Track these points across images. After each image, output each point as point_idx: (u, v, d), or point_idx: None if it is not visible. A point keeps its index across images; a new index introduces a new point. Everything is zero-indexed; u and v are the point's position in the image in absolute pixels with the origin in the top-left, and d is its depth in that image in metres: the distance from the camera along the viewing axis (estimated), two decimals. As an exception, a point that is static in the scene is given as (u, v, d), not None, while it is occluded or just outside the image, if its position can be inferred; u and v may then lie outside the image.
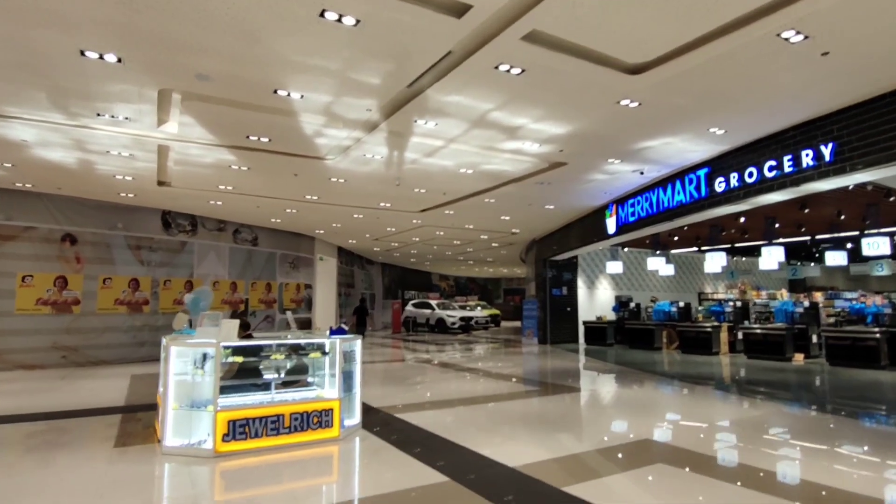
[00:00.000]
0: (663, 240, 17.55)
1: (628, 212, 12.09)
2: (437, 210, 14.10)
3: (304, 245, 19.04)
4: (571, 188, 11.66)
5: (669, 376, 10.86)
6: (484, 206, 13.44)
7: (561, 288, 19.24)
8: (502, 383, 9.87)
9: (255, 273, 16.68)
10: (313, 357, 6.09)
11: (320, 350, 6.15)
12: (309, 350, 6.20)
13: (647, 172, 10.25)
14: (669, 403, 8.20)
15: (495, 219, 15.50)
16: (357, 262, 25.53)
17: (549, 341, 18.73)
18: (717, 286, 25.14)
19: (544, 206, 13.57)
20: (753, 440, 5.88)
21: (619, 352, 16.12)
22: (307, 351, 6.19)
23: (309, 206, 13.56)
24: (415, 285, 34.47)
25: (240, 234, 16.24)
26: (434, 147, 8.78)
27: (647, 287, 22.41)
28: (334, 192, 11.89)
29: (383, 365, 13.14)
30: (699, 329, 15.14)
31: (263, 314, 16.87)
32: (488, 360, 13.85)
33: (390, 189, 11.61)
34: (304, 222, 16.23)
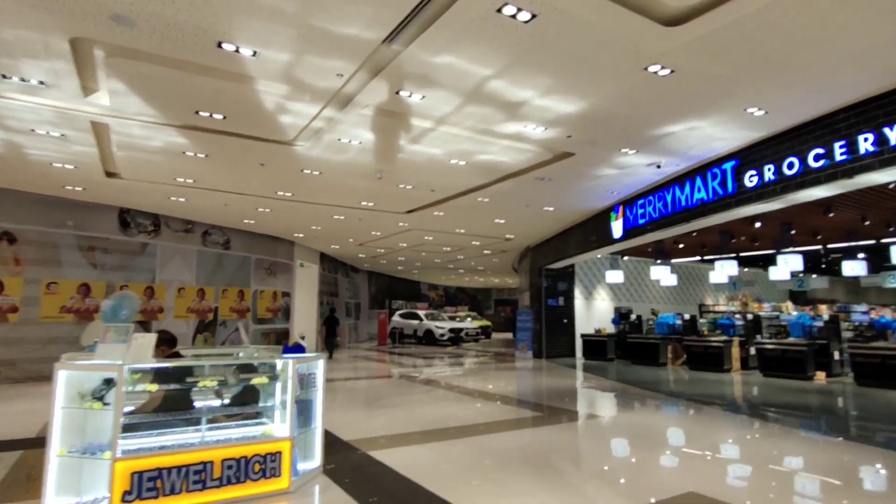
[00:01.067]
0: (667, 248, 16.32)
1: (637, 213, 10.80)
2: (426, 211, 12.74)
3: (283, 250, 17.57)
4: (575, 186, 10.36)
5: (686, 398, 9.51)
6: (476, 206, 12.10)
7: (557, 298, 17.91)
8: (497, 406, 8.45)
9: (226, 279, 15.17)
10: (257, 383, 4.65)
11: (269, 373, 4.71)
12: (260, 373, 4.77)
13: (664, 167, 8.97)
14: (701, 436, 6.83)
15: (488, 222, 14.17)
16: (341, 270, 24.05)
17: (545, 355, 17.36)
18: (719, 298, 23.96)
19: (543, 207, 12.25)
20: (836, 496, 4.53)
21: (621, 368, 14.77)
22: (257, 374, 4.75)
23: (283, 205, 12.13)
24: (403, 295, 32.99)
25: (210, 237, 14.74)
26: (421, 130, 7.42)
27: (647, 298, 21.16)
28: (309, 187, 10.49)
29: (364, 382, 11.67)
30: (708, 344, 13.85)
31: (235, 324, 15.34)
32: (480, 377, 12.43)
33: (372, 184, 10.23)
34: (280, 224, 14.78)
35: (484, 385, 10.98)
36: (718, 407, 8.69)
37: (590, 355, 17.13)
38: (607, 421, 7.58)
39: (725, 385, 11.47)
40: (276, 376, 4.67)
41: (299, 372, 4.89)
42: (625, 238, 11.54)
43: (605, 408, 8.82)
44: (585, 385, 11.61)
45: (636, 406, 8.86)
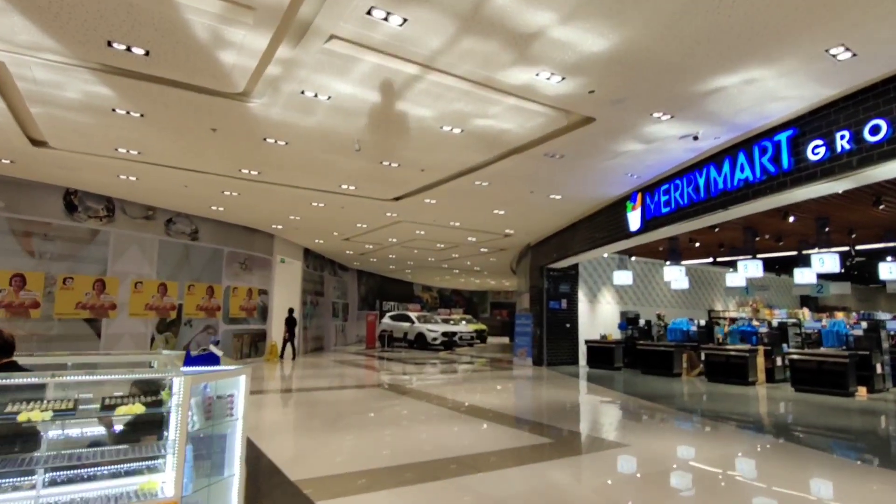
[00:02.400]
0: (682, 246, 14.73)
1: (660, 201, 9.19)
2: (416, 198, 11.09)
3: (260, 243, 15.88)
4: (590, 166, 8.74)
5: (724, 419, 7.87)
6: (474, 193, 10.47)
7: (559, 301, 16.28)
8: (497, 428, 6.80)
9: (193, 273, 13.47)
10: (125, 413, 2.96)
11: (151, 397, 3.04)
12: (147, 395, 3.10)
13: (702, 139, 7.35)
14: (775, 476, 5.18)
15: (487, 213, 12.53)
16: (328, 268, 22.36)
17: (546, 363, 15.71)
18: (728, 303, 22.40)
19: (549, 195, 10.63)
20: None
21: (631, 378, 13.13)
22: (145, 398, 3.08)
23: (251, 188, 10.46)
24: (395, 296, 31.30)
25: (174, 225, 13.04)
26: (404, 79, 5.78)
27: (654, 302, 19.56)
28: (277, 163, 8.83)
29: (340, 393, 9.99)
30: (731, 353, 12.22)
31: (203, 324, 13.63)
32: (475, 388, 10.77)
33: (351, 160, 8.59)
34: (254, 213, 13.10)
35: (480, 398, 9.32)
36: (769, 433, 7.06)
37: (595, 363, 15.49)
38: (641, 452, 5.93)
39: (759, 402, 9.85)
40: (159, 402, 2.99)
41: (206, 394, 3.25)
42: (643, 231, 9.92)
43: (631, 432, 7.16)
44: (597, 399, 9.97)
45: (667, 429, 7.22)
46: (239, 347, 14.75)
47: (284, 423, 7.15)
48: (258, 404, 8.64)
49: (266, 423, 6.97)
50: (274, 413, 8.00)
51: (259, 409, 8.24)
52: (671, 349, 13.64)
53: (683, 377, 13.50)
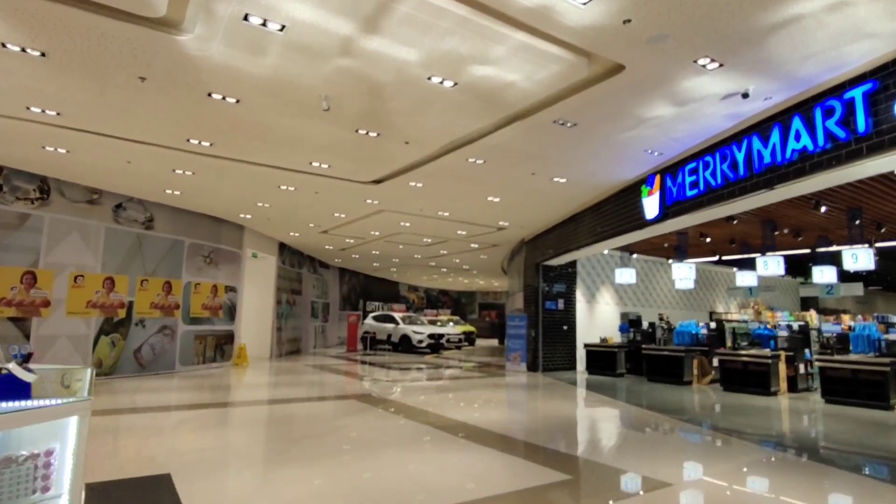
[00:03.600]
0: (692, 240, 13.43)
1: (685, 182, 7.80)
2: (400, 181, 9.60)
3: (228, 235, 14.24)
4: (606, 138, 7.33)
5: (774, 441, 6.46)
6: (466, 174, 9.01)
7: (556, 301, 14.88)
8: (497, 458, 5.32)
9: (147, 267, 11.81)
10: None
11: None
12: None
13: (751, 99, 5.96)
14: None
15: (479, 201, 11.07)
16: (307, 264, 20.74)
17: (542, 368, 14.30)
18: (730, 304, 21.21)
19: (553, 177, 9.20)
20: None
21: (637, 386, 11.75)
22: None
23: (206, 165, 8.88)
24: (379, 296, 29.73)
25: (124, 212, 11.38)
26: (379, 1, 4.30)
27: (654, 302, 18.26)
28: (230, 129, 7.28)
29: (306, 406, 8.44)
30: (750, 360, 10.89)
31: (158, 324, 11.97)
32: (465, 399, 9.29)
33: (319, 126, 7.07)
34: (215, 197, 11.49)
35: (472, 413, 7.84)
36: (843, 465, 5.67)
37: (595, 369, 14.10)
38: (694, 498, 4.49)
39: (796, 417, 8.50)
40: None
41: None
42: (661, 219, 8.53)
43: (666, 461, 5.70)
44: (608, 413, 8.54)
45: (709, 457, 5.80)
46: (201, 351, 13.10)
47: (227, 452, 5.62)
48: (203, 423, 7.06)
49: (204, 452, 5.43)
50: (219, 435, 6.45)
51: (202, 429, 6.68)
52: (680, 354, 12.28)
53: (694, 385, 12.16)
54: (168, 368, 12.09)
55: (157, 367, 11.84)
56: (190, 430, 6.51)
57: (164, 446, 5.57)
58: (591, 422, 7.92)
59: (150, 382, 10.52)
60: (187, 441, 5.88)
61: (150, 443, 5.64)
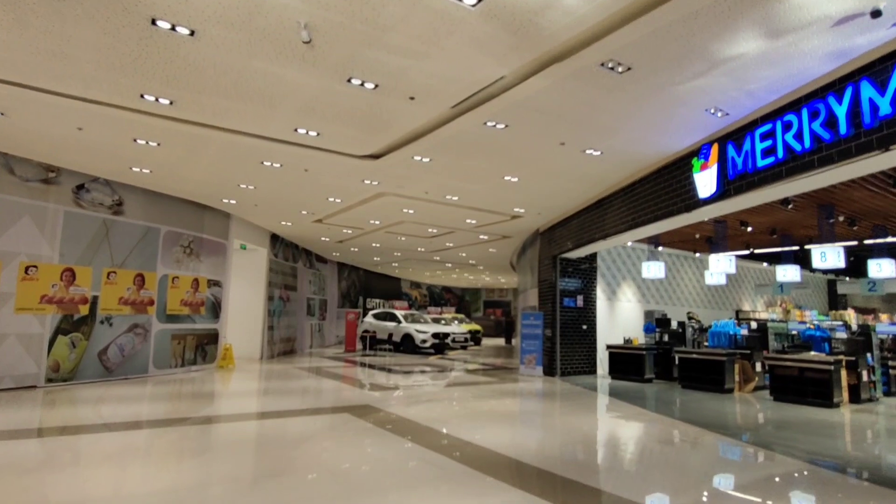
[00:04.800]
0: (731, 230, 11.91)
1: (757, 149, 6.27)
2: (402, 155, 8.10)
3: (212, 223, 12.76)
4: (662, 90, 5.81)
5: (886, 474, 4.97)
6: (482, 142, 7.51)
7: (574, 298, 13.38)
8: (527, 502, 3.84)
9: (115, 257, 10.33)
10: None
11: None
12: None
13: (885, 18, 4.44)
14: None
15: (494, 180, 9.57)
16: (303, 258, 19.26)
17: (559, 372, 12.81)
18: (756, 303, 19.68)
19: (587, 148, 7.68)
20: None
21: (673, 394, 10.24)
22: None
23: (172, 133, 7.38)
24: (380, 292, 28.27)
25: (88, 194, 9.90)
26: None
27: (678, 300, 16.74)
28: (191, 79, 5.77)
29: (289, 423, 6.93)
30: (809, 366, 9.35)
31: (128, 322, 10.50)
32: (481, 413, 7.78)
33: (299, 73, 5.57)
34: (190, 177, 9.99)
35: (491, 432, 6.35)
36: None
37: (619, 373, 12.60)
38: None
39: (893, 437, 6.98)
40: None
41: None
42: (719, 196, 6.99)
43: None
44: (658, 433, 7.01)
45: (817, 492, 4.31)
46: (180, 352, 11.63)
47: (158, 499, 4.15)
48: (150, 448, 5.58)
49: (129, 499, 3.95)
50: (160, 471, 4.96)
51: (142, 458, 5.19)
52: (721, 358, 10.75)
53: (736, 393, 10.66)
54: (140, 372, 10.62)
55: (127, 370, 10.37)
56: (125, 459, 5.03)
57: (69, 486, 4.09)
58: (642, 446, 6.42)
59: (115, 389, 9.06)
60: (109, 479, 4.39)
61: (52, 479, 4.17)
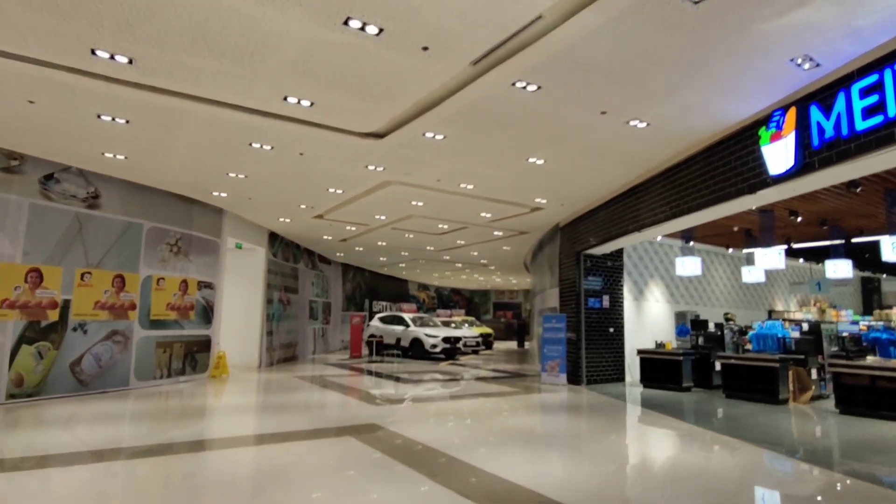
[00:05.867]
0: (779, 220, 10.60)
1: (855, 109, 4.98)
2: (411, 131, 6.88)
3: (203, 219, 11.58)
4: (743, 31, 4.54)
5: None
6: (507, 110, 6.27)
7: (600, 298, 12.11)
8: None
9: (90, 256, 9.17)
10: None
11: None
12: None
13: None
14: None
15: (517, 164, 8.32)
16: (305, 259, 18.08)
17: (585, 380, 11.53)
18: (790, 302, 18.31)
19: (632, 118, 6.42)
20: None
21: (721, 405, 8.94)
22: None
23: (141, 105, 6.19)
24: (387, 295, 27.07)
25: (58, 184, 8.75)
26: None
27: (707, 300, 15.41)
28: (147, 27, 4.58)
29: (278, 452, 5.69)
30: (886, 374, 8.01)
31: (106, 328, 9.33)
32: (508, 434, 6.52)
33: (285, 15, 4.37)
34: (172, 165, 8.81)
35: (523, 463, 5.09)
36: None
37: (652, 381, 11.28)
38: None
39: None
40: None
41: None
42: (800, 171, 5.69)
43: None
44: (731, 459, 5.72)
45: None
46: (166, 361, 10.44)
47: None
48: (100, 489, 4.36)
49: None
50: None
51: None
52: (773, 365, 9.42)
53: (791, 404, 9.34)
54: (120, 385, 9.44)
55: (105, 383, 9.19)
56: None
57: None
58: (725, 481, 5.14)
59: (89, 405, 7.88)
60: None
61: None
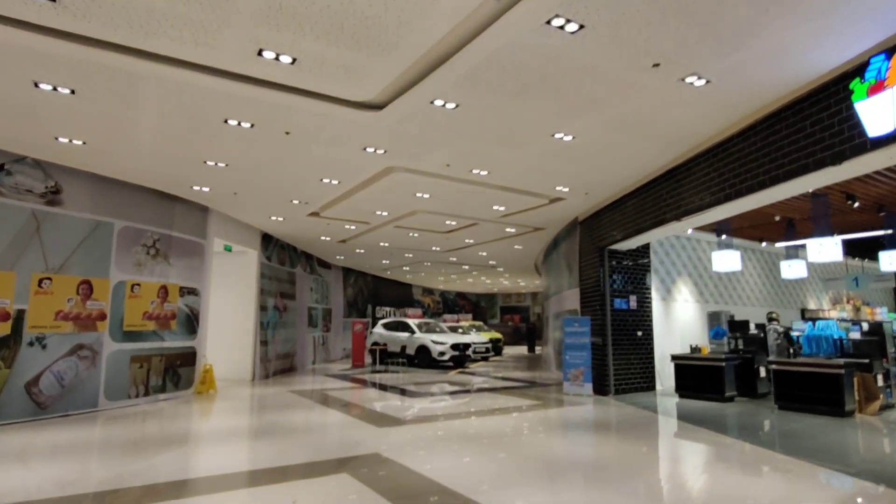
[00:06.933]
0: (835, 206, 9.33)
1: None
2: (417, 99, 5.65)
3: (185, 218, 10.36)
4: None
5: None
6: (534, 67, 5.04)
7: (627, 298, 10.84)
8: None
9: (51, 259, 7.94)
10: None
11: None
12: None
13: None
14: None
15: (541, 141, 7.07)
16: (302, 262, 16.85)
17: (613, 390, 10.25)
18: (822, 300, 17.00)
19: (688, 73, 5.16)
20: None
21: (774, 418, 7.63)
22: None
23: (81, 69, 4.96)
24: (390, 300, 25.81)
25: (9, 177, 7.53)
26: None
27: (738, 298, 14.13)
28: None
29: (244, 501, 4.43)
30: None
31: (69, 342, 8.09)
32: (539, 466, 5.23)
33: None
34: (140, 151, 7.58)
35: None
36: None
37: (688, 390, 9.97)
38: None
39: None
40: None
41: None
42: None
43: None
44: (831, 495, 4.44)
45: None
46: (142, 378, 9.19)
47: None
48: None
49: None
50: None
51: None
52: (837, 371, 8.12)
53: (857, 415, 8.05)
54: (87, 406, 8.19)
55: (68, 405, 7.95)
56: None
57: None
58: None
59: (46, 434, 6.64)
60: None
61: None
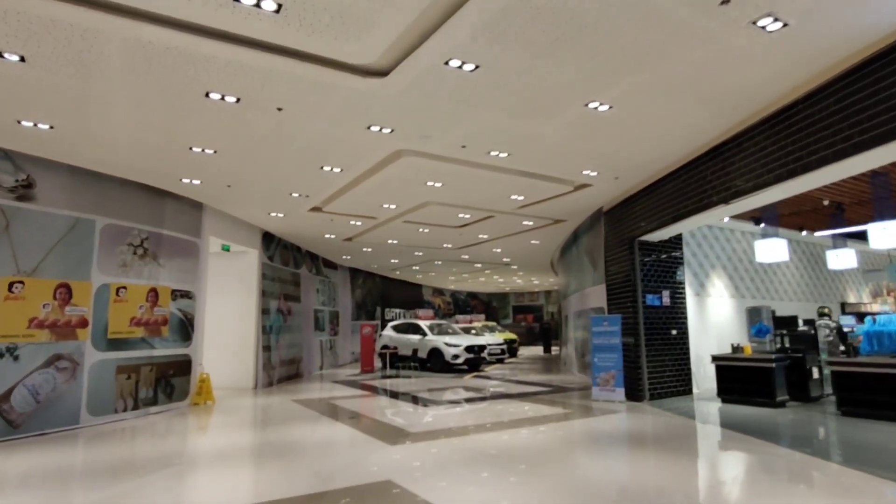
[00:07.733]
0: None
1: None
2: (427, 58, 4.71)
3: (177, 215, 9.50)
4: None
5: None
6: (568, 12, 4.09)
7: (659, 294, 9.84)
8: None
9: (22, 261, 7.10)
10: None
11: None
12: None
13: None
14: None
15: (572, 112, 6.10)
16: (307, 263, 15.97)
17: (648, 395, 9.26)
18: (861, 292, 15.85)
19: (764, 14, 4.21)
20: None
21: (844, 427, 6.58)
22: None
23: (23, 25, 4.11)
24: (400, 301, 24.91)
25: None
26: None
27: (775, 293, 13.06)
28: None
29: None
30: None
31: (46, 352, 7.24)
32: (583, 498, 4.29)
33: None
34: (113, 136, 6.71)
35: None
36: None
37: (732, 394, 8.93)
38: None
39: None
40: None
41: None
42: None
43: None
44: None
45: None
46: (130, 390, 8.33)
47: None
48: None
49: None
50: None
51: None
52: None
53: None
54: (66, 423, 7.33)
55: (45, 422, 7.09)
56: None
57: None
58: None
59: (15, 457, 5.77)
60: None
61: None
